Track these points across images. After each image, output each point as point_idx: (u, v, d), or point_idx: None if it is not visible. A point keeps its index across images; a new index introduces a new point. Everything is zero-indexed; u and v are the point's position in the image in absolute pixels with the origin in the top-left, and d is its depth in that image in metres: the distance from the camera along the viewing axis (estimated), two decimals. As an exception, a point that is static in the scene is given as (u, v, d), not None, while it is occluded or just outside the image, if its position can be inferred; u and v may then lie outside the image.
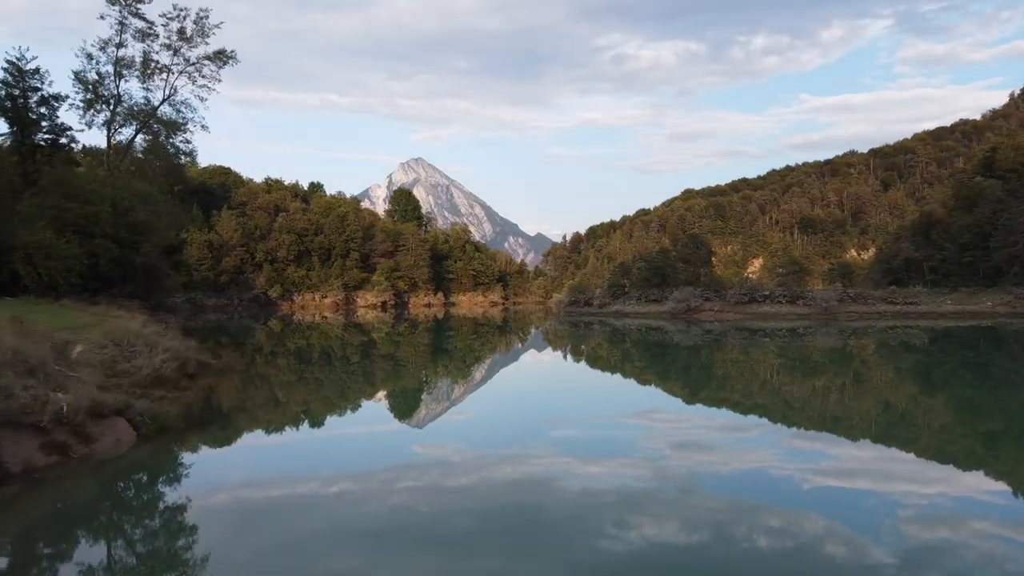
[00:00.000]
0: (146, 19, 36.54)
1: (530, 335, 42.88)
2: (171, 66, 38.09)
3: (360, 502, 7.62)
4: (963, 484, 8.53)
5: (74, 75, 36.08)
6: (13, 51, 31.88)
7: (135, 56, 37.39)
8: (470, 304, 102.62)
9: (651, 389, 19.00)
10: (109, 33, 36.57)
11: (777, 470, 8.93)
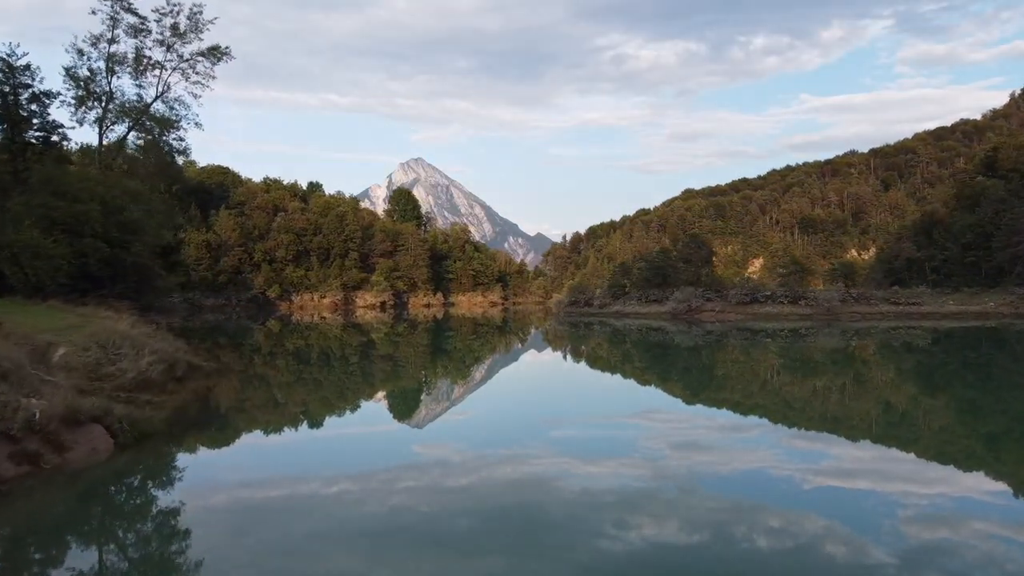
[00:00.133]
0: (138, 14, 36.12)
1: (530, 335, 42.87)
2: (164, 62, 37.61)
3: (360, 502, 7.61)
4: (963, 484, 8.53)
5: (65, 71, 35.55)
6: (3, 47, 31.08)
7: (127, 52, 36.92)
8: (469, 304, 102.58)
9: (651, 389, 19.00)
10: (101, 29, 36.11)
11: (777, 470, 8.93)
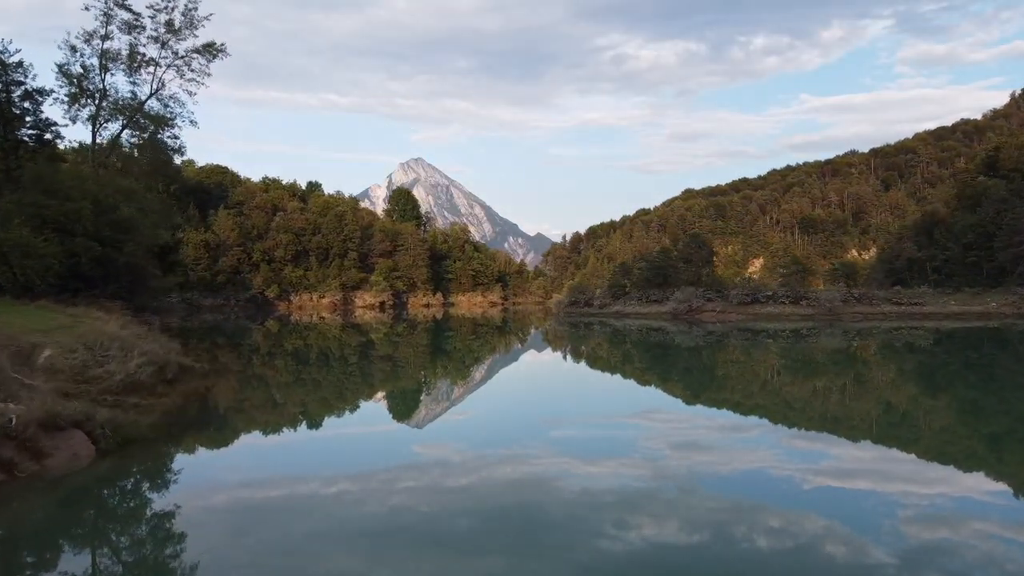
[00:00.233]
0: (132, 10, 35.51)
1: (529, 336, 42.87)
2: (158, 59, 37.02)
3: (360, 502, 7.61)
4: (964, 485, 8.53)
5: (58, 68, 34.91)
6: (-3, 45, 30.56)
7: (121, 49, 36.27)
8: (469, 304, 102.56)
9: (651, 390, 19.00)
10: (94, 25, 35.53)
11: (777, 470, 8.93)
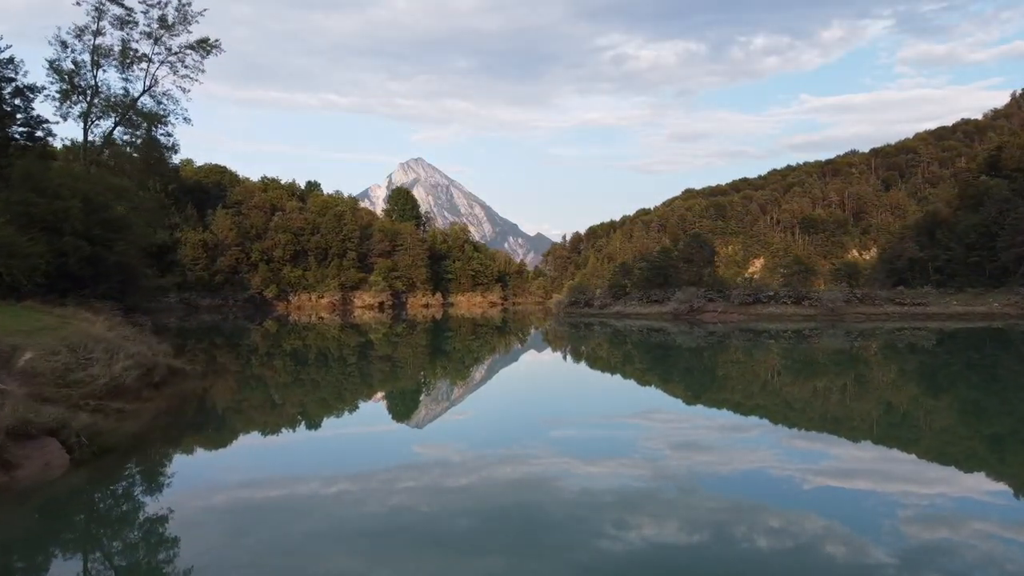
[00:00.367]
0: (125, 5, 35.16)
1: (529, 336, 42.86)
2: (151, 55, 36.68)
3: (360, 502, 7.61)
4: (964, 485, 8.52)
5: (48, 64, 34.44)
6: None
7: (113, 45, 35.82)
8: (469, 304, 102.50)
9: (652, 390, 19.00)
10: (85, 20, 35.09)
11: (777, 470, 8.92)
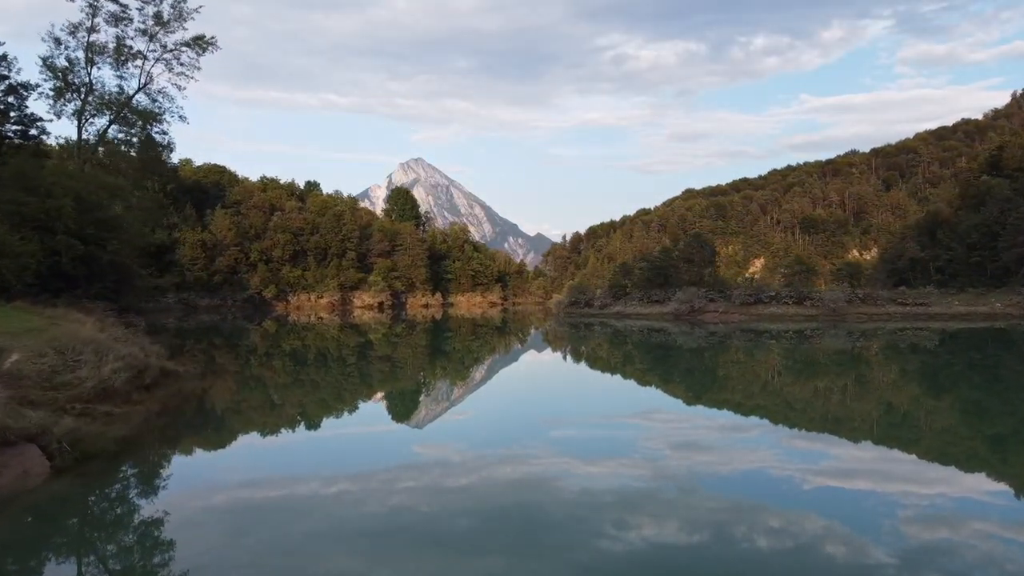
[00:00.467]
0: (119, 2, 34.98)
1: (529, 336, 42.83)
2: (146, 52, 36.47)
3: (360, 502, 7.60)
4: (964, 485, 8.52)
5: (42, 61, 34.21)
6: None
7: (108, 42, 35.62)
8: (468, 305, 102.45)
9: (652, 390, 18.98)
10: (80, 16, 34.86)
11: (777, 470, 8.92)
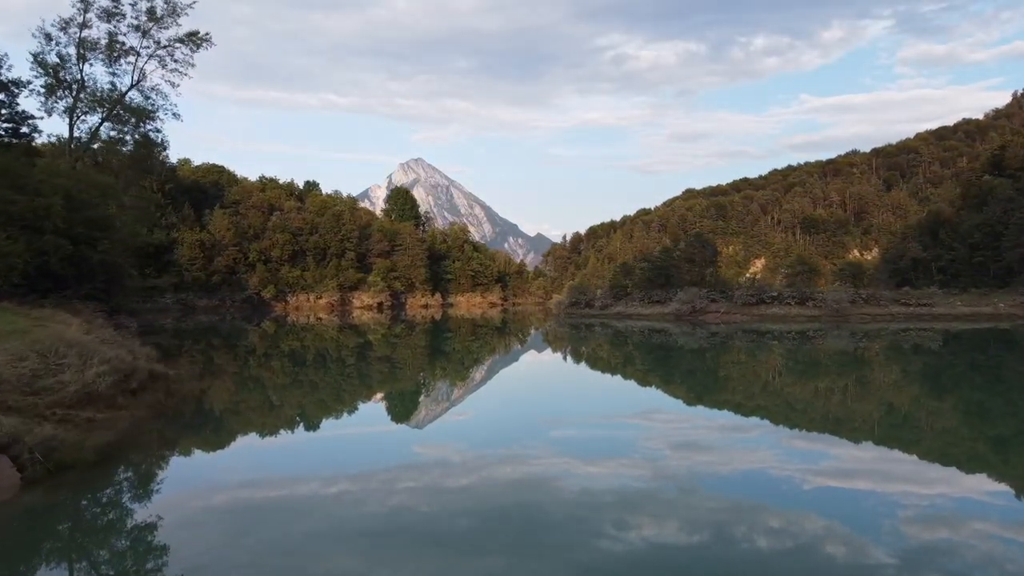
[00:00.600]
0: None
1: (530, 337, 42.82)
2: (139, 49, 35.97)
3: (360, 502, 7.61)
4: (965, 485, 8.52)
5: (32, 57, 33.68)
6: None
7: (100, 38, 35.06)
8: (468, 305, 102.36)
9: (652, 391, 18.98)
10: (71, 12, 34.39)
11: (777, 470, 8.92)
